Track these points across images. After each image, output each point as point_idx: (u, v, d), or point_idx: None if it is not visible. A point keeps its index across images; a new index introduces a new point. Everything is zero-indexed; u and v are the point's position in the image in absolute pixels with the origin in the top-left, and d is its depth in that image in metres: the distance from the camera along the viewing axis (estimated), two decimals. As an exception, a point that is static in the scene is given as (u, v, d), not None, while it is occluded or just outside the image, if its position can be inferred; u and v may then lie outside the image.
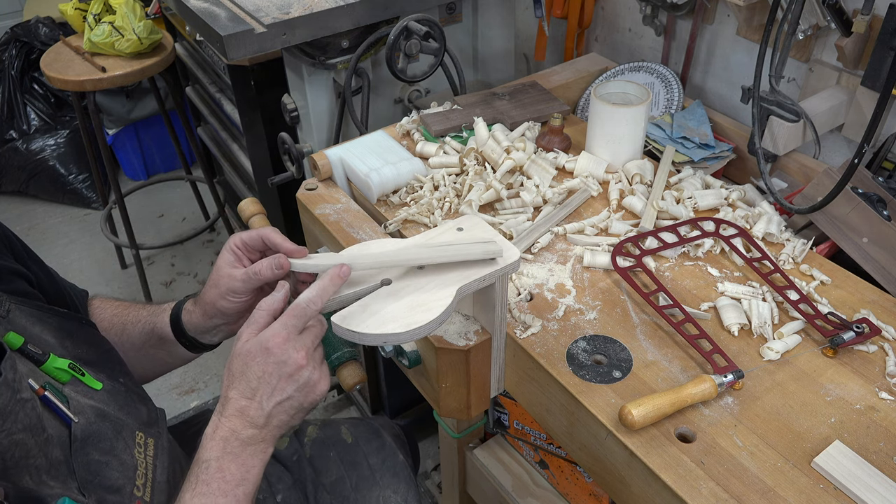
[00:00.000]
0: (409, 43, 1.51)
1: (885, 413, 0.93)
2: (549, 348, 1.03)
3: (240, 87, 1.84)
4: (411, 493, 1.20)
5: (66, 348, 0.88)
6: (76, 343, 0.90)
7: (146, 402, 0.97)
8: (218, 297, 0.98)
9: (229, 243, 0.99)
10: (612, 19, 1.82)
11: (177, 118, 3.03)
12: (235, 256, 0.98)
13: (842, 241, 1.18)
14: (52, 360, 0.83)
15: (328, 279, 0.88)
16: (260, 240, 0.97)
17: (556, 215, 1.26)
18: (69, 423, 0.81)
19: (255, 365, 0.83)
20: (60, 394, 0.81)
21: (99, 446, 0.83)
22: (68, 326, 0.91)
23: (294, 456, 1.23)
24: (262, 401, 0.83)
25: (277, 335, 0.83)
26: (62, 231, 3.14)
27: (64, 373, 0.84)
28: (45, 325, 0.88)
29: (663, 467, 0.87)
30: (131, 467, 0.86)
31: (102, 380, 0.89)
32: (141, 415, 0.93)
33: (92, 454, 0.82)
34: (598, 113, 1.34)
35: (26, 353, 0.81)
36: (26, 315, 0.86)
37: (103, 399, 0.88)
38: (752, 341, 1.04)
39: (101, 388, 0.88)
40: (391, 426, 1.33)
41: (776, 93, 1.30)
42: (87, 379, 0.87)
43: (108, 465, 0.83)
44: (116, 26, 2.16)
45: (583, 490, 1.41)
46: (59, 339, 0.88)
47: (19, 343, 0.81)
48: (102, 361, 0.93)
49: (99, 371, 0.90)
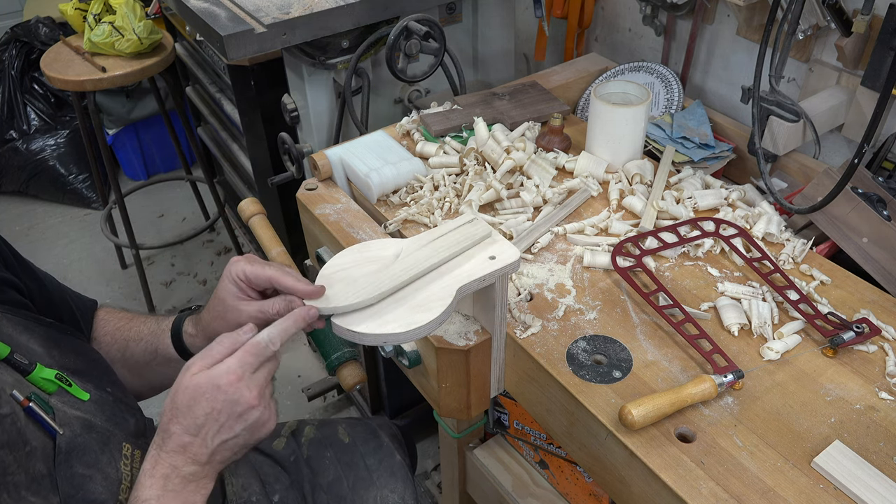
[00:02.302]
0: (409, 43, 1.51)
1: (885, 413, 0.93)
2: (549, 348, 1.03)
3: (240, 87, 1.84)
4: (409, 493, 1.20)
5: (54, 357, 0.87)
6: (63, 352, 0.89)
7: (135, 412, 0.96)
8: (224, 328, 0.94)
9: (232, 272, 0.94)
10: (612, 19, 1.82)
11: (177, 118, 3.03)
12: (239, 288, 0.94)
13: (842, 241, 1.18)
14: (39, 371, 0.82)
15: (292, 321, 0.85)
16: (267, 283, 0.93)
17: (556, 215, 1.26)
18: (54, 435, 0.79)
19: (204, 401, 0.79)
20: (46, 405, 0.80)
21: (83, 459, 0.82)
22: (55, 336, 0.90)
23: (291, 456, 1.22)
24: (206, 438, 0.80)
25: (232, 373, 0.79)
26: (62, 231, 3.14)
27: (50, 383, 0.82)
28: (32, 335, 0.86)
29: (663, 467, 0.87)
30: (115, 481, 0.84)
31: (90, 390, 0.88)
32: (129, 425, 0.92)
33: (76, 467, 0.80)
34: (598, 113, 1.33)
35: (12, 364, 0.80)
36: (14, 324, 0.85)
37: (90, 410, 0.86)
38: (752, 341, 1.04)
39: (89, 398, 0.87)
40: (389, 426, 1.33)
41: (776, 93, 1.30)
42: (74, 389, 0.85)
43: (92, 479, 0.81)
44: (116, 26, 2.16)
45: (583, 490, 1.41)
46: (46, 349, 0.87)
47: (6, 353, 0.79)
48: (90, 371, 0.92)
49: (86, 381, 0.89)
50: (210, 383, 0.79)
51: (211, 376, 0.79)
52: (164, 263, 2.93)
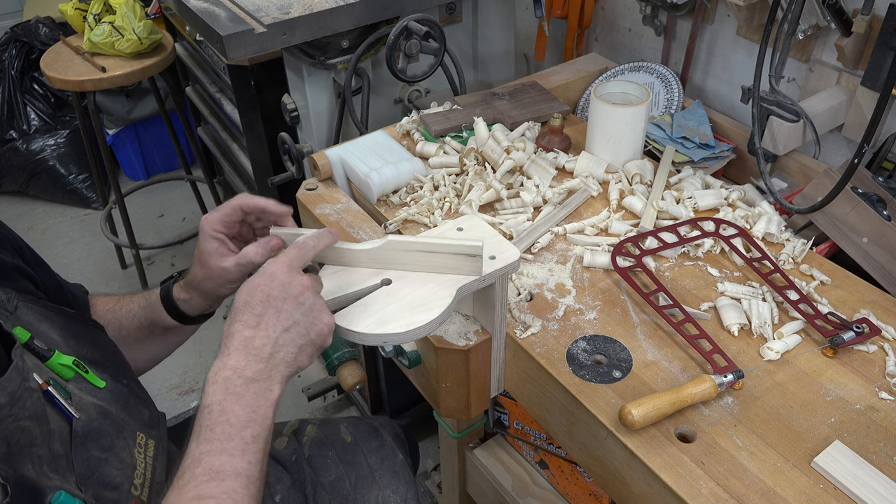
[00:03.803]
0: (409, 43, 1.51)
1: (885, 413, 0.93)
2: (549, 348, 1.03)
3: (240, 87, 1.84)
4: (410, 493, 1.20)
5: (72, 347, 0.88)
6: (81, 343, 0.91)
7: (148, 405, 0.97)
8: (216, 287, 1.00)
9: (206, 229, 0.97)
10: (612, 19, 1.82)
11: (177, 118, 3.03)
12: (219, 241, 0.97)
13: (842, 241, 1.18)
14: (57, 357, 0.83)
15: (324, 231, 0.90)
16: (239, 211, 0.97)
17: (556, 215, 1.26)
18: (71, 418, 0.80)
19: (259, 292, 0.82)
20: (64, 390, 0.82)
21: (99, 443, 0.83)
22: (74, 327, 0.91)
23: (293, 456, 1.22)
24: (267, 328, 0.81)
25: (281, 262, 0.84)
26: (62, 231, 3.14)
27: (68, 369, 0.84)
28: (51, 324, 0.88)
29: (663, 467, 0.87)
30: (130, 466, 0.85)
31: (106, 379, 0.89)
32: (143, 416, 0.93)
33: (92, 451, 0.82)
34: (598, 113, 1.34)
35: (32, 349, 0.81)
36: (33, 312, 0.86)
37: (106, 398, 0.88)
38: (752, 341, 1.04)
39: (105, 386, 0.88)
40: (391, 425, 1.32)
41: (776, 93, 1.30)
42: (91, 377, 0.87)
43: (108, 462, 0.83)
44: (116, 26, 2.16)
45: (583, 490, 1.41)
46: (64, 338, 0.88)
47: (25, 338, 0.81)
48: (107, 362, 0.93)
49: (103, 371, 0.90)
50: (262, 275, 0.83)
51: (262, 271, 0.84)
52: (164, 263, 2.93)
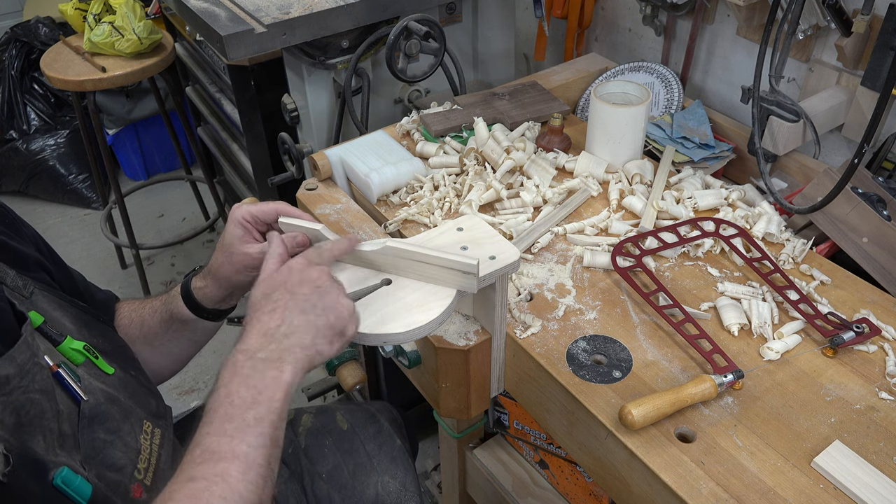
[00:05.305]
0: (409, 43, 1.51)
1: (885, 413, 0.93)
2: (549, 348, 1.03)
3: (240, 87, 1.84)
4: (409, 478, 1.18)
5: (83, 335, 0.89)
6: (92, 333, 0.92)
7: (156, 396, 0.98)
8: (233, 273, 0.99)
9: (236, 216, 0.98)
10: (612, 19, 1.82)
11: (177, 118, 3.03)
12: (245, 230, 0.98)
13: (842, 241, 1.18)
14: (69, 342, 0.84)
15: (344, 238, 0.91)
16: (274, 214, 0.97)
17: (556, 215, 1.26)
18: (79, 400, 0.81)
19: (277, 283, 0.82)
20: (74, 373, 0.82)
21: (105, 426, 0.83)
22: (85, 318, 0.93)
23: (289, 448, 1.21)
24: (284, 310, 0.80)
25: (300, 258, 0.85)
26: (62, 231, 3.14)
27: (79, 354, 0.85)
28: (64, 312, 0.89)
29: (663, 467, 0.87)
30: (135, 450, 0.86)
31: (115, 367, 0.90)
32: (150, 406, 0.94)
33: (97, 432, 0.82)
34: (598, 113, 1.33)
35: (44, 333, 0.82)
36: (48, 300, 0.88)
37: (114, 384, 0.88)
38: (752, 341, 1.04)
39: (113, 373, 0.89)
40: (388, 410, 1.31)
41: (776, 93, 1.30)
42: (101, 363, 0.88)
43: (112, 444, 0.83)
44: (116, 26, 2.16)
45: (583, 490, 1.41)
46: (77, 326, 0.90)
47: (39, 322, 0.82)
48: (116, 354, 0.94)
49: (112, 360, 0.91)
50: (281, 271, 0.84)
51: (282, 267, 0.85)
52: (164, 263, 2.93)
